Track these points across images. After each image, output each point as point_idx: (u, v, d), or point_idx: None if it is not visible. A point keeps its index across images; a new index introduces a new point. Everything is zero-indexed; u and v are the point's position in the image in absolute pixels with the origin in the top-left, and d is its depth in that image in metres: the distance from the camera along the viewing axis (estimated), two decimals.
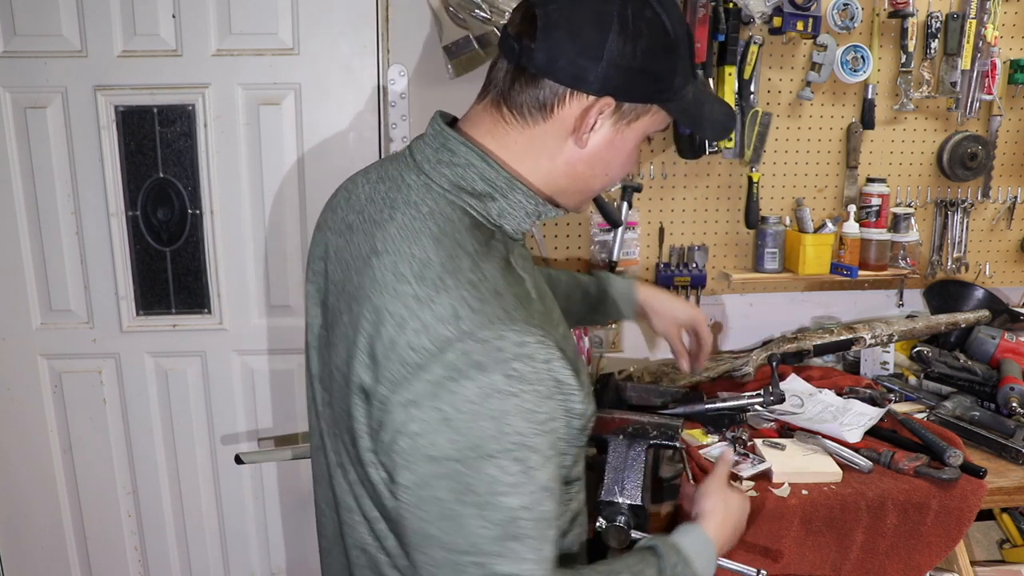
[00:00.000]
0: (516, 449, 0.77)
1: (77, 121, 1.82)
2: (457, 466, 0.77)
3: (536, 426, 0.78)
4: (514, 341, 0.78)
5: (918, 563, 1.40)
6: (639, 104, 0.89)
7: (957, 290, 2.13)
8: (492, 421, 0.76)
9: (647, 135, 0.95)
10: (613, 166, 0.94)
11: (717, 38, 1.89)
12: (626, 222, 1.98)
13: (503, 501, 0.78)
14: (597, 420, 1.19)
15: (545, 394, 0.79)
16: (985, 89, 2.03)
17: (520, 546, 0.79)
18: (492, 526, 0.78)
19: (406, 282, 0.82)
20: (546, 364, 0.79)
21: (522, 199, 0.91)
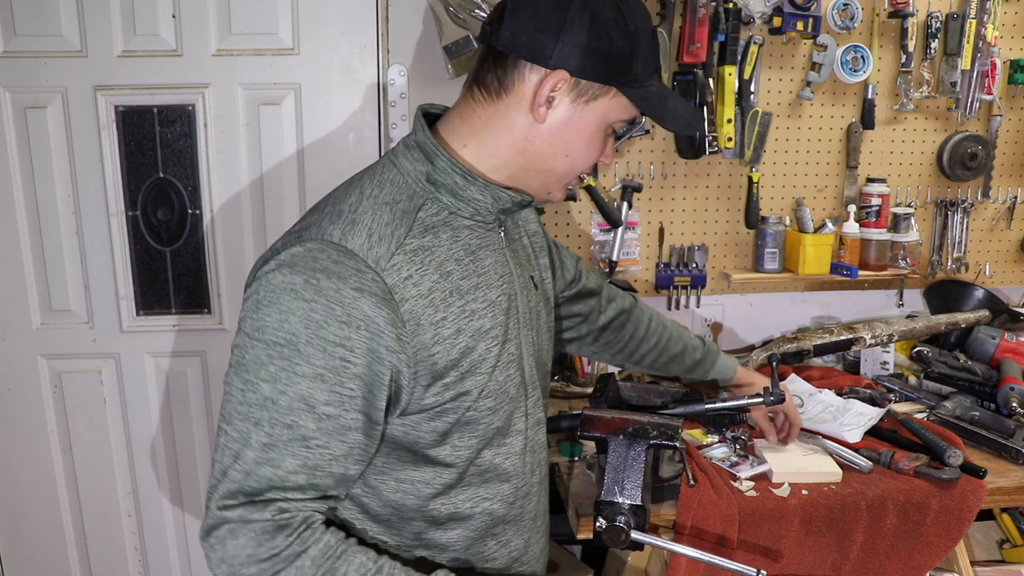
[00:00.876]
0: (286, 346, 0.83)
1: (77, 121, 1.82)
2: (247, 340, 0.86)
3: (316, 338, 0.82)
4: (331, 256, 0.84)
5: (918, 563, 1.40)
6: (597, 84, 0.92)
7: (957, 290, 2.13)
8: (278, 313, 0.83)
9: (610, 123, 0.97)
10: (573, 147, 0.96)
11: (717, 38, 1.89)
12: (626, 222, 1.98)
13: (260, 386, 0.84)
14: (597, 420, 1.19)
15: (342, 318, 0.83)
16: (985, 89, 2.03)
17: (257, 432, 0.84)
18: (246, 406, 0.85)
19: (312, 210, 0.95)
20: (355, 291, 0.83)
21: (446, 166, 0.94)
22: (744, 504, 1.34)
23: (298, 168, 1.91)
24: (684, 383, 1.54)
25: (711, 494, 1.35)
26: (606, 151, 1.00)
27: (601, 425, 1.19)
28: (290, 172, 1.91)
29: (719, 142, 1.93)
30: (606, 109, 0.94)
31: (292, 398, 0.83)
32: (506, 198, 0.97)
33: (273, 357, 0.83)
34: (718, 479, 1.40)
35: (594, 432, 1.17)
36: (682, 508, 1.33)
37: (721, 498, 1.34)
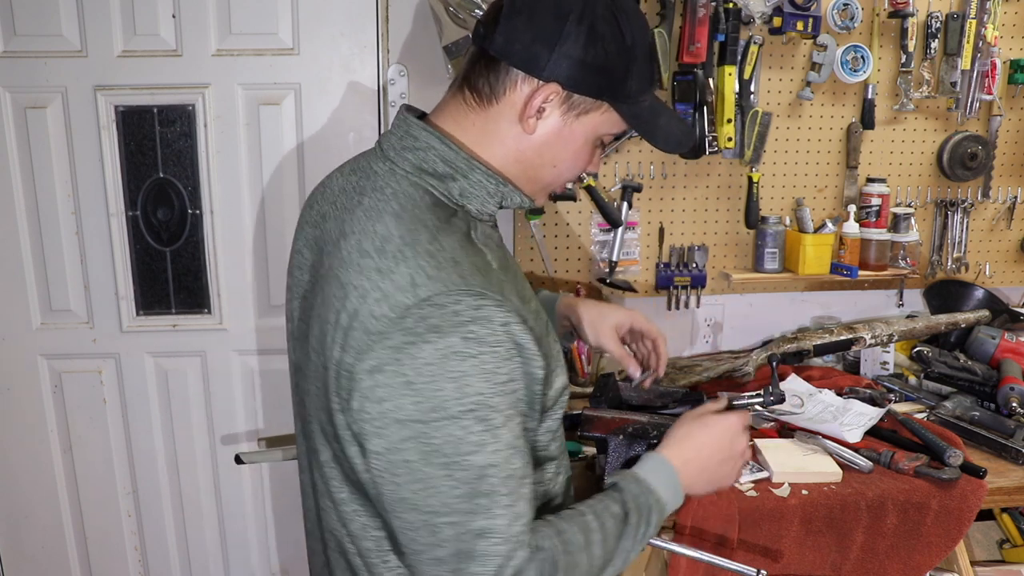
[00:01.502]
0: (478, 408, 0.80)
1: (77, 121, 1.82)
2: (422, 427, 0.79)
3: (496, 386, 0.81)
4: (470, 304, 0.81)
5: (918, 563, 1.40)
6: (588, 99, 0.92)
7: (957, 290, 2.13)
8: (452, 382, 0.79)
9: (599, 137, 0.96)
10: (561, 159, 0.96)
11: (717, 38, 1.89)
12: (626, 222, 1.98)
13: (470, 460, 0.80)
14: (597, 420, 1.20)
15: (504, 355, 0.82)
16: (985, 89, 2.03)
17: (491, 502, 0.81)
18: (461, 485, 0.80)
19: (368, 256, 0.85)
20: (504, 327, 0.82)
21: (482, 179, 0.93)
22: (744, 504, 1.34)
23: (298, 168, 1.91)
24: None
25: (711, 494, 1.35)
26: (592, 162, 1.00)
27: (601, 425, 1.19)
28: (290, 172, 1.91)
29: (719, 142, 1.93)
30: (596, 123, 0.94)
31: (502, 452, 0.82)
32: (517, 200, 0.97)
33: (470, 427, 0.80)
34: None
35: (594, 432, 1.17)
36: (682, 508, 1.33)
37: (721, 498, 1.34)
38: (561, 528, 0.88)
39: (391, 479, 0.82)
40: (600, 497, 0.95)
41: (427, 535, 0.82)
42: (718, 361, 1.93)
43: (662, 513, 0.97)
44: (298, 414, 1.06)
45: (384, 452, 0.82)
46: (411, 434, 0.80)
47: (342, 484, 0.95)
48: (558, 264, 2.01)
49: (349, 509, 0.95)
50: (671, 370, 1.93)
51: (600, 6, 0.89)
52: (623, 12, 0.91)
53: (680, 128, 1.01)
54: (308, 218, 1.02)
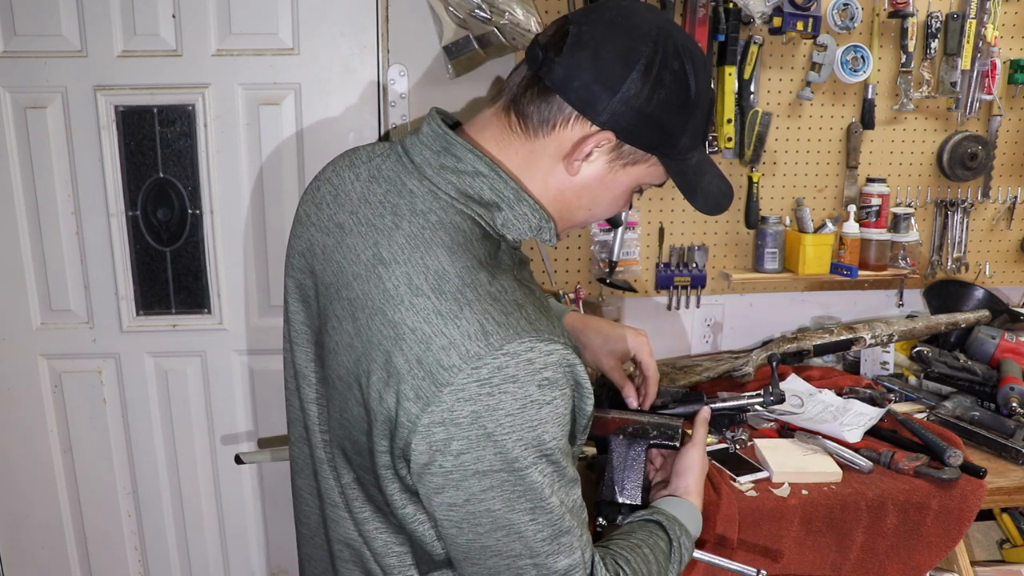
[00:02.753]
0: (552, 453, 0.80)
1: (77, 121, 1.82)
2: (506, 476, 0.79)
3: (563, 428, 0.82)
4: (542, 351, 0.79)
5: (918, 563, 1.40)
6: (639, 151, 0.89)
7: (957, 290, 2.13)
8: (532, 431, 0.78)
9: (640, 185, 0.94)
10: (599, 203, 0.94)
11: (717, 38, 1.89)
12: (626, 222, 1.98)
13: (549, 503, 0.81)
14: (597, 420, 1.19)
15: (569, 396, 0.82)
16: (985, 89, 2.03)
17: (570, 539, 0.83)
18: (545, 527, 0.81)
19: (424, 296, 0.80)
20: (570, 369, 0.81)
21: (528, 212, 0.90)
22: (744, 504, 1.34)
23: (298, 168, 1.91)
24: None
25: (711, 494, 1.35)
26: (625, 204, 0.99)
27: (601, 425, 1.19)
28: (290, 172, 1.91)
29: (719, 142, 1.94)
30: (641, 175, 0.92)
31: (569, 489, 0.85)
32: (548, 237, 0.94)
33: (546, 471, 0.81)
34: (718, 479, 1.40)
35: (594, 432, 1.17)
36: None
37: (721, 498, 1.34)
38: (628, 558, 0.91)
39: (472, 528, 0.81)
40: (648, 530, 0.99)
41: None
42: (718, 361, 1.93)
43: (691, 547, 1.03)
44: (299, 418, 1.03)
45: (463, 503, 0.80)
46: (494, 483, 0.79)
47: (364, 504, 0.93)
48: (558, 264, 2.01)
49: (371, 527, 0.93)
50: (671, 370, 1.93)
51: (671, 55, 0.85)
52: (692, 62, 0.87)
53: (721, 188, 0.99)
54: (316, 221, 0.95)
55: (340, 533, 0.98)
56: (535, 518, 0.81)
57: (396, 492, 0.87)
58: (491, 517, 0.80)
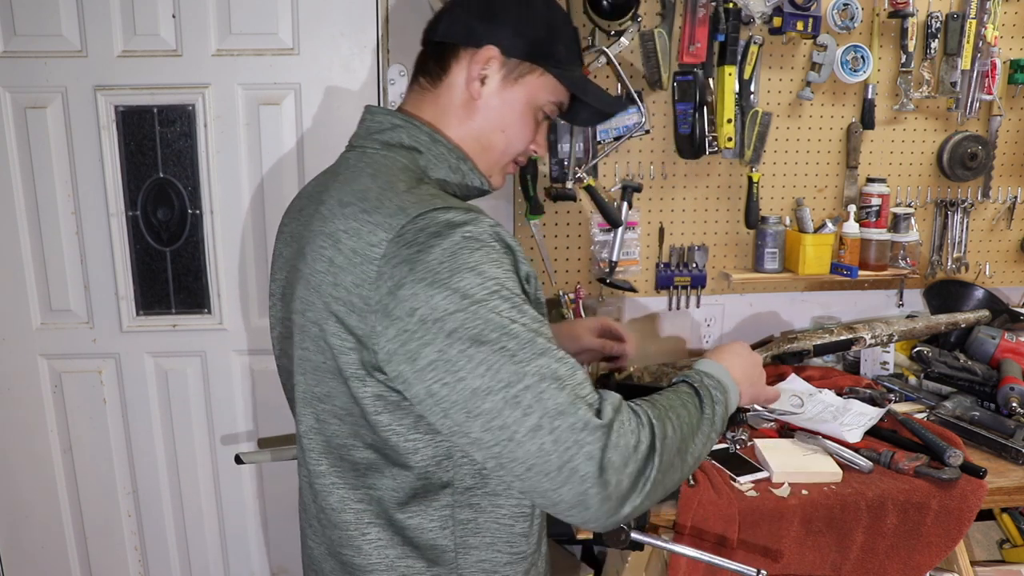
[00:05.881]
0: (500, 290, 0.83)
1: (77, 121, 1.82)
2: (462, 316, 0.81)
3: (507, 272, 0.85)
4: (459, 212, 0.86)
5: (918, 563, 1.40)
6: (524, 63, 1.02)
7: (957, 290, 2.13)
8: (469, 271, 0.82)
9: (539, 106, 1.05)
10: (507, 122, 1.04)
11: (717, 38, 1.89)
12: (626, 222, 1.98)
13: (514, 328, 0.81)
14: None
15: (501, 250, 0.86)
16: (985, 89, 2.03)
17: (551, 358, 0.82)
18: (519, 349, 0.81)
19: (351, 205, 0.90)
20: (492, 227, 0.87)
21: (444, 151, 1.01)
22: (744, 504, 1.34)
23: (298, 168, 1.91)
24: None
25: (711, 494, 1.35)
26: (538, 139, 1.08)
27: None
28: (290, 172, 1.91)
29: (719, 142, 1.93)
30: (534, 87, 1.03)
31: (536, 322, 0.84)
32: (476, 184, 1.04)
33: (500, 306, 0.82)
34: (718, 479, 1.40)
35: None
36: (682, 508, 1.33)
37: (721, 498, 1.34)
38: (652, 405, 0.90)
39: (455, 379, 0.81)
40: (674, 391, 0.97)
41: (512, 412, 0.80)
42: None
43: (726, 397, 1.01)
44: (294, 413, 1.07)
45: (438, 356, 0.81)
46: (455, 325, 0.80)
47: (320, 456, 0.97)
48: (558, 264, 2.01)
49: (327, 482, 0.97)
50: (671, 370, 1.93)
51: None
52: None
53: (610, 97, 1.15)
54: (286, 221, 1.11)
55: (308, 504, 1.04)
56: (504, 345, 0.80)
57: (370, 401, 0.90)
58: (467, 357, 0.80)
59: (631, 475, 0.81)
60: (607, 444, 0.80)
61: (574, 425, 0.79)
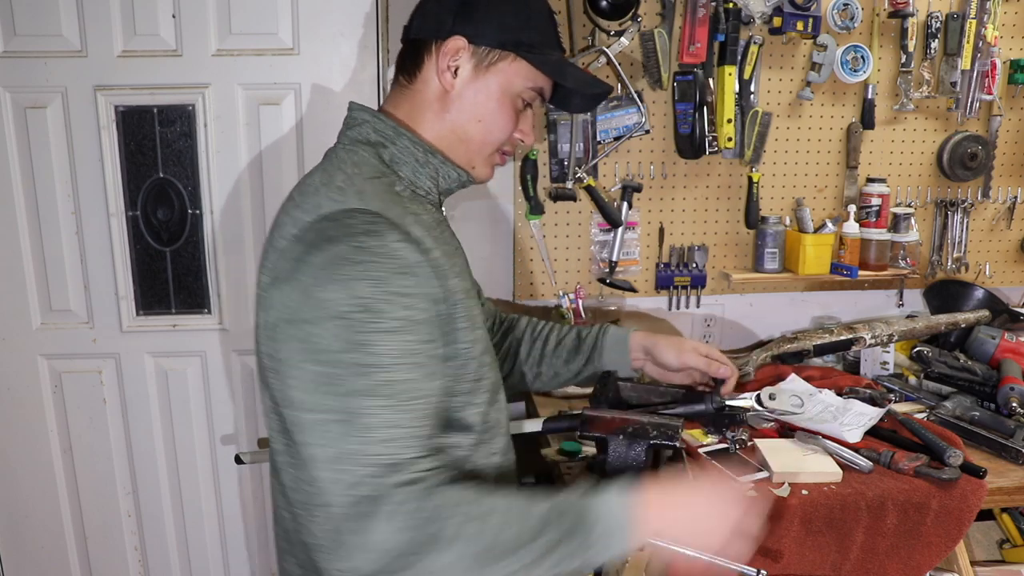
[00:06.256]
0: (362, 311, 0.81)
1: (77, 121, 1.82)
2: (308, 327, 0.82)
3: (387, 294, 0.83)
4: (364, 220, 0.86)
5: (918, 563, 1.40)
6: (495, 50, 1.00)
7: (957, 290, 2.13)
8: (338, 284, 0.82)
9: (518, 93, 1.03)
10: (483, 111, 1.02)
11: (717, 38, 1.89)
12: (626, 222, 1.98)
13: (352, 357, 0.81)
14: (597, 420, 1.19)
15: (398, 269, 0.85)
16: (985, 89, 2.03)
17: (375, 403, 0.80)
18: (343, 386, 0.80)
19: (292, 199, 0.97)
20: (399, 243, 0.86)
21: (408, 145, 1.01)
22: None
23: (298, 168, 1.91)
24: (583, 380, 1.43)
25: None
26: (522, 127, 1.07)
27: (601, 425, 1.19)
28: (290, 172, 1.91)
29: (719, 142, 1.93)
30: (508, 74, 1.01)
31: (388, 355, 0.82)
32: (455, 176, 1.04)
33: (353, 327, 0.81)
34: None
35: (594, 432, 1.17)
36: None
37: None
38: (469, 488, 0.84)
39: (285, 384, 0.85)
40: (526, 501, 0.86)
41: (311, 434, 0.82)
42: None
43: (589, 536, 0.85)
44: None
45: (284, 356, 0.85)
46: (297, 333, 0.83)
47: (278, 434, 0.99)
48: (558, 264, 2.01)
49: (283, 460, 0.99)
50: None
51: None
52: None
53: (589, 75, 1.10)
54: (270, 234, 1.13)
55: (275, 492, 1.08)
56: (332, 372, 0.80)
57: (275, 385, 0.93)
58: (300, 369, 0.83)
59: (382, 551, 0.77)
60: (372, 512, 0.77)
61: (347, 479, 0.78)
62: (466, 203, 1.96)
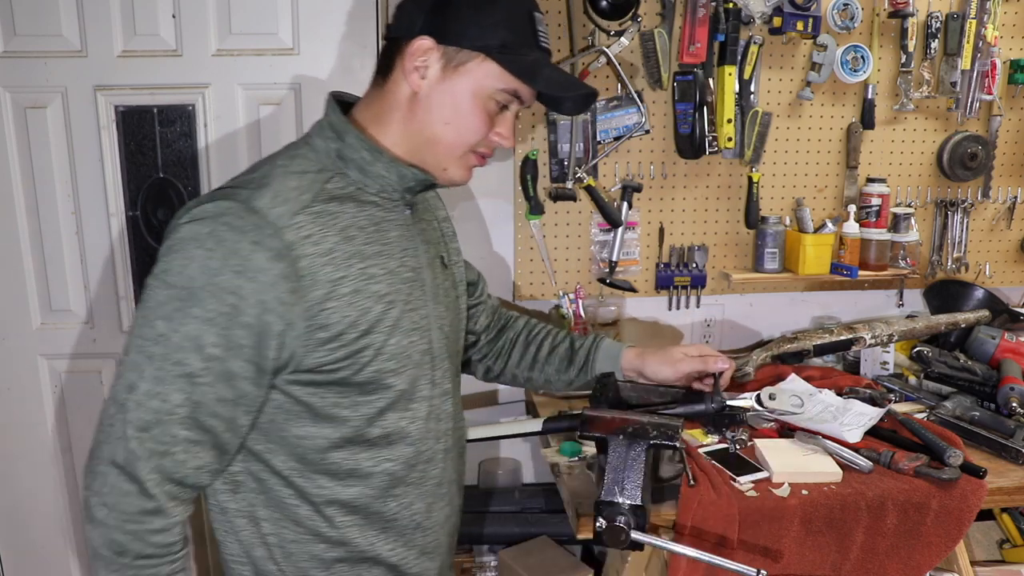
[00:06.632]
0: (183, 288, 0.87)
1: (77, 121, 1.82)
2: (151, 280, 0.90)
3: (210, 284, 0.87)
4: (236, 214, 0.88)
5: (918, 563, 1.40)
6: (464, 51, 0.97)
7: (957, 290, 2.13)
8: (181, 259, 0.88)
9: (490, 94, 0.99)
10: (451, 114, 0.99)
11: (717, 38, 1.89)
12: (626, 222, 1.98)
13: (156, 323, 0.88)
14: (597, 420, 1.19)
15: (236, 268, 0.87)
16: (985, 89, 2.03)
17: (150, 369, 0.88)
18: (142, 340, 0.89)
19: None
20: (253, 245, 0.87)
21: (355, 142, 0.99)
22: (744, 504, 1.34)
23: None
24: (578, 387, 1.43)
25: (711, 494, 1.35)
26: (499, 129, 1.03)
27: (601, 425, 1.19)
28: None
29: (719, 142, 1.94)
30: (477, 76, 0.98)
31: (182, 337, 0.87)
32: (410, 175, 1.02)
33: (171, 298, 0.87)
34: (718, 479, 1.40)
35: (594, 432, 1.17)
36: (682, 508, 1.33)
37: (721, 498, 1.34)
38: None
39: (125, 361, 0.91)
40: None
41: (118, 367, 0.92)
42: None
43: None
44: None
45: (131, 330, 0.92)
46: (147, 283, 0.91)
47: None
48: (558, 264, 2.01)
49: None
50: None
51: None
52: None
53: (567, 77, 1.04)
54: None
55: None
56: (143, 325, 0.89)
57: None
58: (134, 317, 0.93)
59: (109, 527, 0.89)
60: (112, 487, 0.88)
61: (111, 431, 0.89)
62: (466, 203, 1.96)
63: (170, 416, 0.88)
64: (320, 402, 0.97)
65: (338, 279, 0.93)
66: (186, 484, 0.91)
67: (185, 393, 0.88)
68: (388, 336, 0.98)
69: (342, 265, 0.94)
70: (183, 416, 0.88)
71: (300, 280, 0.89)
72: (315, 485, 1.01)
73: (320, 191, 0.95)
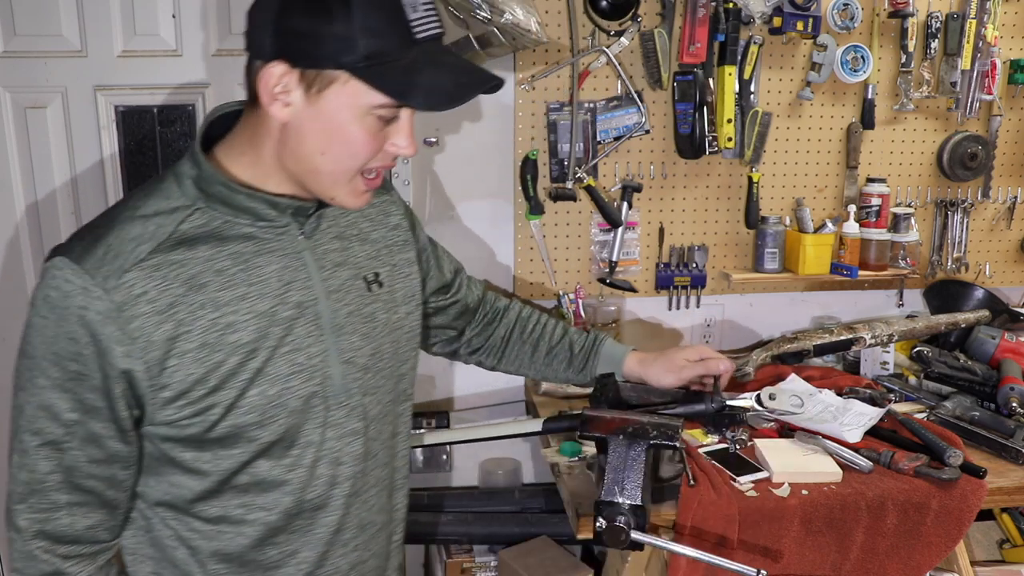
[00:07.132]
0: (30, 358, 0.88)
1: (77, 121, 1.82)
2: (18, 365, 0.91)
3: (50, 353, 0.86)
4: (64, 276, 0.85)
5: (918, 563, 1.40)
6: (321, 70, 0.83)
7: (957, 290, 2.13)
8: (28, 327, 0.89)
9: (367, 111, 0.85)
10: (325, 144, 0.87)
11: (717, 38, 1.89)
12: (626, 222, 1.98)
13: (17, 394, 0.89)
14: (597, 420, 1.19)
15: (71, 335, 0.85)
16: (985, 89, 2.03)
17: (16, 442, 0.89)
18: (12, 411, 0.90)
19: None
20: (81, 309, 0.84)
21: (209, 174, 0.89)
22: (744, 504, 1.34)
23: None
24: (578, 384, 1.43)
25: (711, 494, 1.35)
26: (395, 141, 0.89)
27: (601, 425, 1.19)
28: None
29: (719, 142, 1.93)
30: (344, 98, 0.84)
31: (36, 406, 0.87)
32: (285, 204, 0.92)
33: (24, 368, 0.88)
34: (718, 479, 1.40)
35: (594, 432, 1.17)
36: (682, 508, 1.33)
37: (721, 498, 1.34)
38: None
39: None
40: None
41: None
42: None
43: None
44: None
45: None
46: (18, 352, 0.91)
47: None
48: (558, 264, 2.01)
49: None
50: None
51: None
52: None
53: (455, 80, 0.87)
54: None
55: None
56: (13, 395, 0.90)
57: None
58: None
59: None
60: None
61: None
62: (466, 203, 1.96)
63: (43, 484, 0.88)
64: (180, 455, 0.92)
65: (180, 335, 0.86)
66: (83, 542, 0.91)
67: (54, 460, 0.88)
68: (245, 388, 0.89)
69: (187, 319, 0.86)
70: (58, 482, 0.88)
71: (133, 343, 0.84)
72: (188, 528, 0.96)
73: (167, 237, 0.87)
